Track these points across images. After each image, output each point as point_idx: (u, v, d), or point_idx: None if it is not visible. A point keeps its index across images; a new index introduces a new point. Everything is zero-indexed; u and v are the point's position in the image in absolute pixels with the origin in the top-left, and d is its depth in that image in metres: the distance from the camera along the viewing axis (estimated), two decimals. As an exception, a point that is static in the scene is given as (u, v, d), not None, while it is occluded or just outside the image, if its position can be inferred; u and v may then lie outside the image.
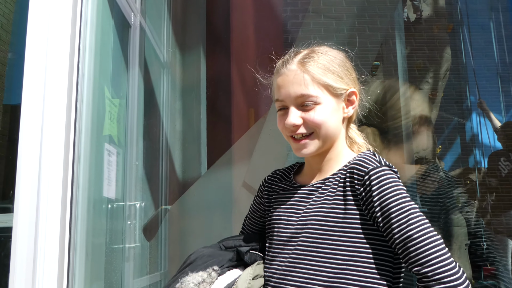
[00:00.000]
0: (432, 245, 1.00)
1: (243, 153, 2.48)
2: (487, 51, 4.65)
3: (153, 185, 2.79)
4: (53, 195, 2.46)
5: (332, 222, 1.10)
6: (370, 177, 1.08)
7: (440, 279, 0.97)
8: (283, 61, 1.21)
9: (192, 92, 3.00)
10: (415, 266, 1.00)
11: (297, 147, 1.18)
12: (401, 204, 1.05)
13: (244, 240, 1.30)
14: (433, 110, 3.93)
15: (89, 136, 2.58)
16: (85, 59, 2.58)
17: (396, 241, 1.03)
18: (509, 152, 3.67)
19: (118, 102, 2.75)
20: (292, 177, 1.30)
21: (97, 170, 2.58)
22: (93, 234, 2.53)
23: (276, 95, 1.21)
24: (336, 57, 1.20)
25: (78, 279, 2.43)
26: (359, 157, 1.16)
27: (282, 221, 1.21)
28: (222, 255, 1.22)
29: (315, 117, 1.14)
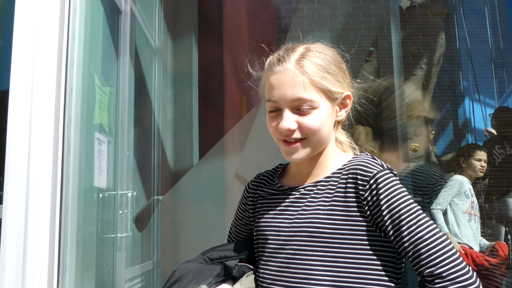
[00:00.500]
0: (443, 245, 1.00)
1: (235, 143, 2.45)
2: (481, 36, 4.63)
3: (145, 175, 2.76)
4: (43, 185, 2.43)
5: (332, 226, 1.07)
6: (377, 181, 1.06)
7: (454, 278, 0.97)
8: (277, 58, 1.13)
9: (184, 80, 2.95)
10: (428, 267, 0.99)
11: (288, 151, 1.13)
12: (409, 207, 1.04)
13: (230, 250, 1.24)
14: (426, 96, 3.92)
15: (79, 125, 2.54)
16: (74, 46, 2.53)
17: (406, 244, 1.02)
18: (504, 139, 3.67)
19: (108, 90, 2.70)
20: (276, 180, 1.25)
21: (87, 160, 2.55)
22: (84, 224, 2.50)
23: (268, 95, 1.14)
24: (333, 58, 1.15)
25: (69, 270, 2.41)
26: (360, 161, 1.12)
27: (272, 227, 1.16)
28: (208, 271, 1.16)
29: (311, 122, 1.09)
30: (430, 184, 2.19)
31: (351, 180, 1.08)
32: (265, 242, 1.17)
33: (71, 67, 2.58)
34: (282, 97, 1.09)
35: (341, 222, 1.06)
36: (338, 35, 2.69)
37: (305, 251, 1.08)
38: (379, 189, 1.05)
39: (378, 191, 1.04)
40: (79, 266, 2.46)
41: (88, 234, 2.51)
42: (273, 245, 1.14)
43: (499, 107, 4.36)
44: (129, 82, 2.72)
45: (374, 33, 3.08)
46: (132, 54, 2.76)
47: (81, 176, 2.57)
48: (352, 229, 1.06)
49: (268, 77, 1.14)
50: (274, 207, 1.19)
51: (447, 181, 2.95)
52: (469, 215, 3.29)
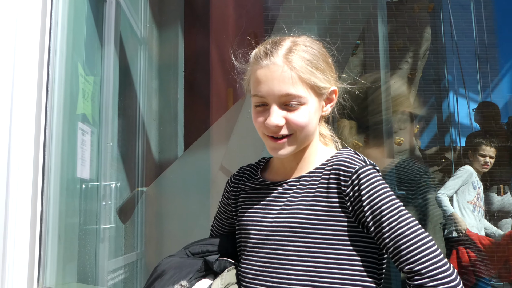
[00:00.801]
0: (423, 241, 0.99)
1: (221, 135, 2.44)
2: (466, 31, 4.66)
3: (129, 166, 2.73)
4: (24, 175, 2.39)
5: (314, 221, 1.06)
6: (358, 177, 1.05)
7: (434, 275, 0.96)
8: (264, 51, 1.09)
9: (169, 71, 2.92)
10: (407, 264, 0.98)
11: (274, 147, 1.10)
12: (391, 203, 1.03)
13: (212, 244, 1.22)
14: (412, 90, 3.94)
15: (62, 114, 2.50)
16: (57, 34, 2.48)
17: (386, 240, 1.01)
18: (487, 134, 3.71)
19: (92, 79, 2.66)
20: (259, 174, 1.23)
21: (70, 150, 2.51)
22: (66, 215, 2.47)
23: (254, 90, 1.10)
24: (320, 52, 1.13)
25: (51, 261, 2.38)
26: (343, 157, 1.11)
27: (254, 222, 1.15)
28: (190, 265, 1.14)
29: (299, 118, 1.07)
30: (414, 180, 2.20)
31: (333, 176, 1.07)
32: (246, 237, 1.16)
33: (53, 55, 2.54)
34: (269, 93, 1.07)
35: (323, 218, 1.06)
36: (325, 27, 2.68)
37: (286, 246, 1.08)
38: (361, 185, 1.04)
39: (360, 187, 1.04)
40: (61, 258, 2.44)
41: (70, 225, 2.49)
42: (255, 240, 1.13)
43: (482, 102, 4.40)
44: (114, 72, 2.68)
45: (361, 26, 3.07)
46: (117, 44, 2.72)
47: (64, 167, 2.53)
48: (334, 224, 1.05)
49: (254, 71, 1.11)
50: (256, 202, 1.18)
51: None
52: (473, 205, 3.33)
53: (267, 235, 1.11)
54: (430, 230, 2.49)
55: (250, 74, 1.14)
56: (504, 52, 5.23)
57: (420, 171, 2.23)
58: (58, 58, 2.48)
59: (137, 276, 2.75)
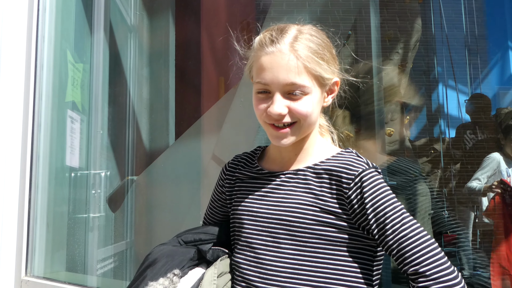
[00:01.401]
0: (427, 243, 0.99)
1: (212, 124, 2.42)
2: (456, 23, 4.67)
3: (119, 154, 2.71)
4: (11, 163, 2.36)
5: (312, 218, 1.05)
6: (361, 180, 1.04)
7: (438, 278, 0.95)
8: (270, 38, 1.07)
9: (160, 59, 2.89)
10: (412, 266, 0.98)
11: (276, 135, 1.09)
12: (394, 205, 1.03)
13: (205, 233, 1.21)
14: (402, 81, 3.94)
15: (50, 102, 2.46)
16: (45, 20, 2.44)
17: (390, 242, 1.01)
18: (476, 125, 3.72)
19: (81, 67, 2.63)
20: (256, 162, 1.21)
21: (59, 138, 2.48)
22: (55, 204, 2.45)
23: (258, 76, 1.08)
24: (324, 42, 1.11)
25: (39, 250, 2.36)
26: (346, 159, 1.09)
27: (250, 212, 1.13)
28: (182, 254, 1.13)
29: (302, 108, 1.06)
30: (409, 179, 2.21)
31: (335, 177, 1.07)
32: (241, 227, 1.15)
33: (41, 41, 2.50)
34: (274, 81, 1.05)
35: (322, 216, 1.05)
36: (317, 17, 2.66)
37: (283, 240, 1.07)
38: (363, 188, 1.04)
39: (363, 190, 1.04)
40: (49, 246, 2.42)
41: (59, 214, 2.47)
42: (250, 230, 1.12)
43: (474, 93, 4.42)
44: (104, 59, 2.64)
45: (353, 16, 3.06)
46: (106, 31, 2.68)
47: (52, 155, 2.51)
48: (332, 224, 1.05)
49: (258, 57, 1.08)
50: (252, 192, 1.16)
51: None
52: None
53: (263, 226, 1.10)
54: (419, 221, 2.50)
55: (253, 60, 1.12)
56: (493, 44, 5.26)
57: (416, 172, 2.24)
58: (46, 44, 2.44)
59: (127, 265, 2.74)
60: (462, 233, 3.62)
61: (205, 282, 1.10)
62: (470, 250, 3.60)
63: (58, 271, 2.36)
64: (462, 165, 3.86)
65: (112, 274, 2.64)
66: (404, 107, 2.95)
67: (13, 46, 2.31)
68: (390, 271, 2.15)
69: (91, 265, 2.47)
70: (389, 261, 2.06)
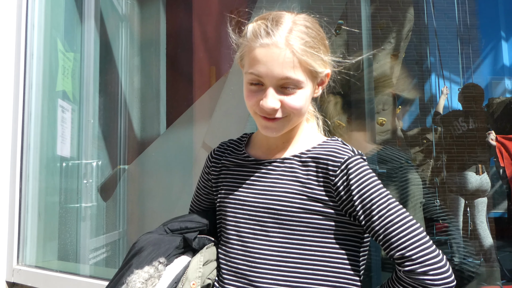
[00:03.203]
0: (413, 228, 1.00)
1: (204, 112, 2.41)
2: (448, 12, 4.67)
3: (111, 144, 2.71)
4: (1, 153, 2.36)
5: (300, 206, 1.05)
6: (347, 167, 1.05)
7: (424, 261, 0.97)
8: (265, 30, 1.05)
9: (151, 47, 2.87)
10: (398, 250, 0.99)
11: (266, 126, 1.08)
12: (380, 191, 1.04)
13: (191, 221, 1.20)
14: (394, 71, 3.95)
15: (41, 91, 2.45)
16: (34, 8, 2.42)
17: (376, 228, 1.01)
18: (468, 114, 3.74)
19: (72, 56, 2.61)
20: (243, 149, 1.21)
21: (49, 127, 2.47)
22: (46, 193, 2.45)
23: (251, 68, 1.06)
24: (319, 34, 1.10)
25: (30, 239, 2.36)
26: (332, 146, 1.10)
27: (237, 200, 1.13)
28: (168, 242, 1.13)
29: (295, 103, 1.05)
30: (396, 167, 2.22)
31: (322, 165, 1.07)
32: (228, 215, 1.14)
33: (31, 30, 2.48)
34: (268, 74, 1.04)
35: (309, 204, 1.05)
36: (308, 6, 2.65)
37: (271, 228, 1.07)
38: (349, 174, 1.04)
39: (349, 176, 1.04)
40: (41, 236, 2.42)
41: (50, 203, 2.46)
42: (237, 218, 1.12)
43: (467, 83, 4.43)
44: (94, 48, 2.63)
45: (344, 5, 3.05)
46: (97, 19, 2.67)
47: (43, 145, 2.50)
48: (320, 212, 1.05)
49: (252, 48, 1.06)
50: (239, 180, 1.16)
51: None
52: None
53: (250, 214, 1.10)
54: (410, 210, 2.53)
55: (245, 49, 1.09)
56: (485, 34, 5.27)
57: (401, 159, 2.24)
58: (36, 33, 2.42)
59: (119, 255, 2.74)
60: (453, 221, 3.65)
61: (190, 270, 1.10)
62: (461, 239, 3.64)
63: (50, 260, 2.37)
64: (452, 154, 3.88)
65: (105, 264, 2.65)
66: (396, 97, 2.96)
67: (2, 34, 2.30)
68: (379, 259, 2.17)
69: (83, 255, 2.48)
70: (379, 249, 2.07)
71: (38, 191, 2.38)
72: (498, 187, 4.36)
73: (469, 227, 3.73)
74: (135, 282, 1.05)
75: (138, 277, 1.06)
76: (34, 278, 2.19)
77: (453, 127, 3.80)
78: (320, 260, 1.05)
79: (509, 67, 6.09)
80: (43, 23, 2.36)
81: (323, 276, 1.05)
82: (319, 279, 1.05)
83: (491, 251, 3.57)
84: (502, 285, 3.26)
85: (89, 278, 2.07)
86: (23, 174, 2.32)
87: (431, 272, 0.96)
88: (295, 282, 1.04)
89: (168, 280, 1.08)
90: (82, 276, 2.10)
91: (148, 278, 1.06)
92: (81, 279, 2.06)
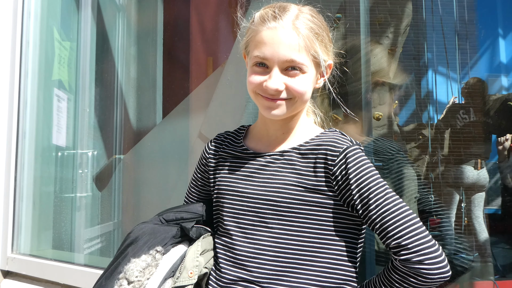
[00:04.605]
0: (410, 217, 1.01)
1: (200, 103, 2.40)
2: (446, 7, 4.66)
3: (107, 134, 2.70)
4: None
5: (300, 198, 1.06)
6: (346, 156, 1.06)
7: (419, 250, 0.98)
8: (272, 14, 1.08)
9: (148, 37, 2.86)
10: (395, 239, 0.99)
11: (268, 105, 1.09)
12: (377, 181, 1.05)
13: (187, 212, 1.20)
14: (392, 66, 3.94)
15: (36, 80, 2.44)
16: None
17: (373, 217, 1.02)
18: (470, 107, 3.74)
19: (69, 45, 2.60)
20: (241, 141, 1.21)
21: (45, 117, 2.46)
22: (41, 183, 2.44)
23: (257, 50, 1.08)
24: (323, 24, 1.13)
25: (25, 228, 2.36)
26: (330, 137, 1.10)
27: (235, 192, 1.14)
28: (164, 232, 1.14)
29: (298, 86, 1.07)
30: (387, 158, 2.23)
31: (321, 156, 1.08)
32: (226, 207, 1.15)
33: (27, 18, 2.47)
34: (274, 56, 1.06)
35: (309, 196, 1.06)
36: (306, 0, 2.65)
37: (270, 220, 1.08)
38: (348, 164, 1.05)
39: (347, 165, 1.05)
40: (36, 225, 2.41)
41: (45, 193, 2.46)
42: (236, 210, 1.12)
43: (472, 77, 4.43)
44: (91, 38, 2.62)
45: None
46: (94, 8, 2.65)
47: (39, 134, 2.49)
48: (319, 204, 1.06)
49: (259, 31, 1.09)
50: (237, 171, 1.16)
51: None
52: None
53: (250, 206, 1.10)
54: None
55: (252, 34, 1.11)
56: (484, 31, 5.27)
57: (393, 149, 2.24)
58: (32, 21, 2.41)
59: (114, 245, 2.74)
60: (447, 216, 3.67)
61: (188, 259, 1.10)
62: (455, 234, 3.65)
63: (44, 249, 2.37)
64: (450, 147, 3.89)
65: (99, 254, 2.65)
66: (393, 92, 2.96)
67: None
68: (374, 252, 2.17)
69: (78, 244, 2.48)
70: (374, 243, 2.07)
71: (33, 180, 2.37)
72: (493, 183, 4.38)
73: (463, 222, 3.75)
74: (133, 271, 1.05)
75: (136, 266, 1.06)
76: (28, 266, 2.19)
77: (455, 120, 3.80)
78: (320, 251, 1.06)
79: (506, 64, 6.10)
80: (39, 11, 2.35)
81: (322, 267, 1.06)
82: (318, 270, 1.06)
83: (486, 246, 3.59)
84: (495, 280, 3.28)
85: (83, 267, 2.07)
86: (18, 163, 2.32)
87: (427, 261, 0.97)
88: (294, 273, 1.05)
89: (166, 269, 1.09)
90: (77, 265, 2.11)
91: (145, 266, 1.07)
92: (75, 267, 2.06)
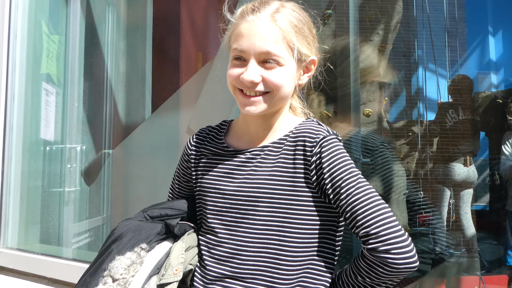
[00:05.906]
0: (380, 207, 1.01)
1: (190, 97, 2.40)
2: (437, 5, 4.69)
3: (95, 128, 2.69)
4: (-16, 135, 2.33)
5: (279, 191, 1.07)
6: (321, 146, 1.06)
7: (387, 240, 0.98)
8: (252, 8, 1.09)
9: (137, 32, 2.84)
10: (363, 228, 1.00)
11: (245, 103, 1.08)
12: (349, 170, 1.05)
13: (171, 208, 1.20)
14: (382, 63, 3.96)
15: (24, 74, 2.42)
16: (18, -12, 2.39)
17: (344, 206, 1.03)
18: (459, 105, 3.78)
19: (57, 38, 2.58)
20: (222, 138, 1.20)
21: (33, 111, 2.45)
22: (29, 177, 2.43)
23: (236, 43, 1.09)
24: (305, 19, 1.13)
25: (12, 222, 2.35)
26: (307, 127, 1.11)
27: (216, 189, 1.14)
28: (149, 229, 1.13)
29: (275, 78, 1.06)
30: (370, 149, 2.24)
31: (299, 147, 1.08)
32: (208, 204, 1.15)
33: (15, 11, 2.44)
34: (250, 47, 1.06)
35: (288, 188, 1.07)
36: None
37: (251, 215, 1.08)
38: (322, 153, 1.05)
39: (322, 154, 1.05)
40: (23, 219, 2.40)
41: (33, 187, 2.44)
42: (217, 207, 1.13)
43: (458, 74, 4.46)
44: (80, 31, 2.60)
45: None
46: (83, 2, 2.64)
47: (26, 128, 2.47)
48: (299, 195, 1.06)
49: (238, 25, 1.09)
50: (218, 169, 1.16)
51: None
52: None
53: (230, 203, 1.11)
54: (394, 201, 2.55)
55: (233, 29, 1.12)
56: (473, 29, 5.32)
57: (376, 141, 2.25)
58: (20, 14, 2.39)
59: (103, 240, 2.72)
60: (436, 213, 3.70)
61: (173, 256, 1.10)
62: (443, 230, 3.68)
63: (32, 243, 2.36)
64: (440, 145, 3.92)
65: (88, 248, 2.64)
66: (383, 88, 2.97)
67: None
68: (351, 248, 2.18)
69: (66, 239, 2.47)
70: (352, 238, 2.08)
71: (21, 174, 2.36)
72: (481, 180, 4.43)
73: (451, 219, 3.78)
74: (118, 268, 1.05)
75: (120, 263, 1.06)
76: (16, 260, 2.18)
77: (444, 119, 3.83)
78: (300, 242, 1.06)
79: (495, 62, 6.16)
80: (27, 4, 2.33)
81: (303, 260, 1.07)
82: (299, 263, 1.06)
83: (473, 242, 3.63)
84: (482, 275, 3.32)
85: (71, 261, 2.06)
86: (5, 157, 2.30)
87: (393, 250, 0.97)
88: (275, 268, 1.06)
89: (151, 266, 1.08)
90: (64, 259, 2.10)
91: (130, 264, 1.06)
92: (63, 261, 2.05)
